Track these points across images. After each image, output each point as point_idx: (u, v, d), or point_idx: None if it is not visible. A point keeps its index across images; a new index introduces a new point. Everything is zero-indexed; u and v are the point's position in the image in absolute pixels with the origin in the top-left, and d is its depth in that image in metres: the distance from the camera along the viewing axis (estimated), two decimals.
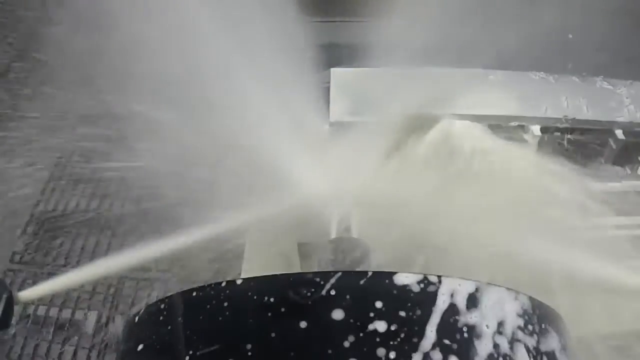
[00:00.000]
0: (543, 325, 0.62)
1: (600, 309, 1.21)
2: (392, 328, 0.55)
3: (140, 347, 0.65)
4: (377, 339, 0.55)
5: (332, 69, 1.38)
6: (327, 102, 1.31)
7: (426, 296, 0.58)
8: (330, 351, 0.54)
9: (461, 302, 0.58)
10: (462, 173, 1.22)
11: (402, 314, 0.56)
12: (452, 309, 0.57)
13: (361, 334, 0.55)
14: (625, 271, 1.09)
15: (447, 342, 0.55)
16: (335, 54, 1.43)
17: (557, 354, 0.62)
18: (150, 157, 1.37)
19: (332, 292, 0.58)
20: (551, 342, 0.62)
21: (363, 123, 1.25)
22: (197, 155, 1.26)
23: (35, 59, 2.76)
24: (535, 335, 0.60)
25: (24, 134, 2.24)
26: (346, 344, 0.54)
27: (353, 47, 1.37)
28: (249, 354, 0.55)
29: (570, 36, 1.25)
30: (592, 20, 1.21)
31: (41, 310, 1.99)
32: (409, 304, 0.57)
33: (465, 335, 0.56)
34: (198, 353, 0.57)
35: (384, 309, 0.56)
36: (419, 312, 0.57)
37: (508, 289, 0.62)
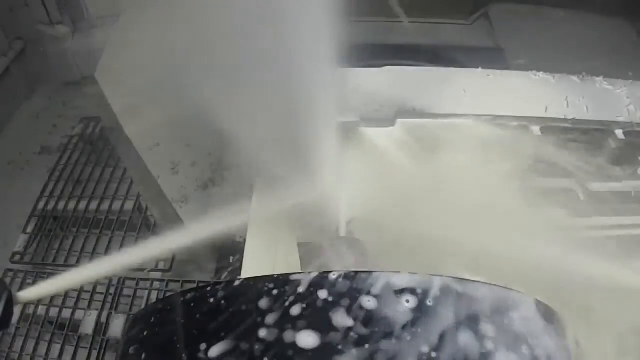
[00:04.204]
0: (538, 325, 0.62)
1: (609, 309, 1.21)
2: (393, 328, 0.55)
3: (140, 347, 0.65)
4: (378, 339, 0.55)
5: None
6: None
7: (426, 295, 0.58)
8: (329, 351, 0.54)
9: (459, 302, 0.58)
10: (462, 172, 1.22)
11: (404, 313, 0.56)
12: (452, 308, 0.57)
13: (361, 334, 0.55)
14: (627, 271, 1.09)
15: (449, 341, 0.55)
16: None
17: (554, 353, 0.62)
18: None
19: (332, 292, 0.58)
20: (546, 342, 0.62)
21: (364, 123, 1.25)
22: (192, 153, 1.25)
23: None
24: (528, 334, 0.60)
25: None
26: (346, 344, 0.54)
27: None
28: (248, 354, 0.55)
29: None
30: None
31: (41, 310, 1.99)
32: (411, 303, 0.57)
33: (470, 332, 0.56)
34: (197, 354, 0.57)
35: (384, 308, 0.56)
36: (421, 310, 0.57)
37: (522, 293, 0.62)
